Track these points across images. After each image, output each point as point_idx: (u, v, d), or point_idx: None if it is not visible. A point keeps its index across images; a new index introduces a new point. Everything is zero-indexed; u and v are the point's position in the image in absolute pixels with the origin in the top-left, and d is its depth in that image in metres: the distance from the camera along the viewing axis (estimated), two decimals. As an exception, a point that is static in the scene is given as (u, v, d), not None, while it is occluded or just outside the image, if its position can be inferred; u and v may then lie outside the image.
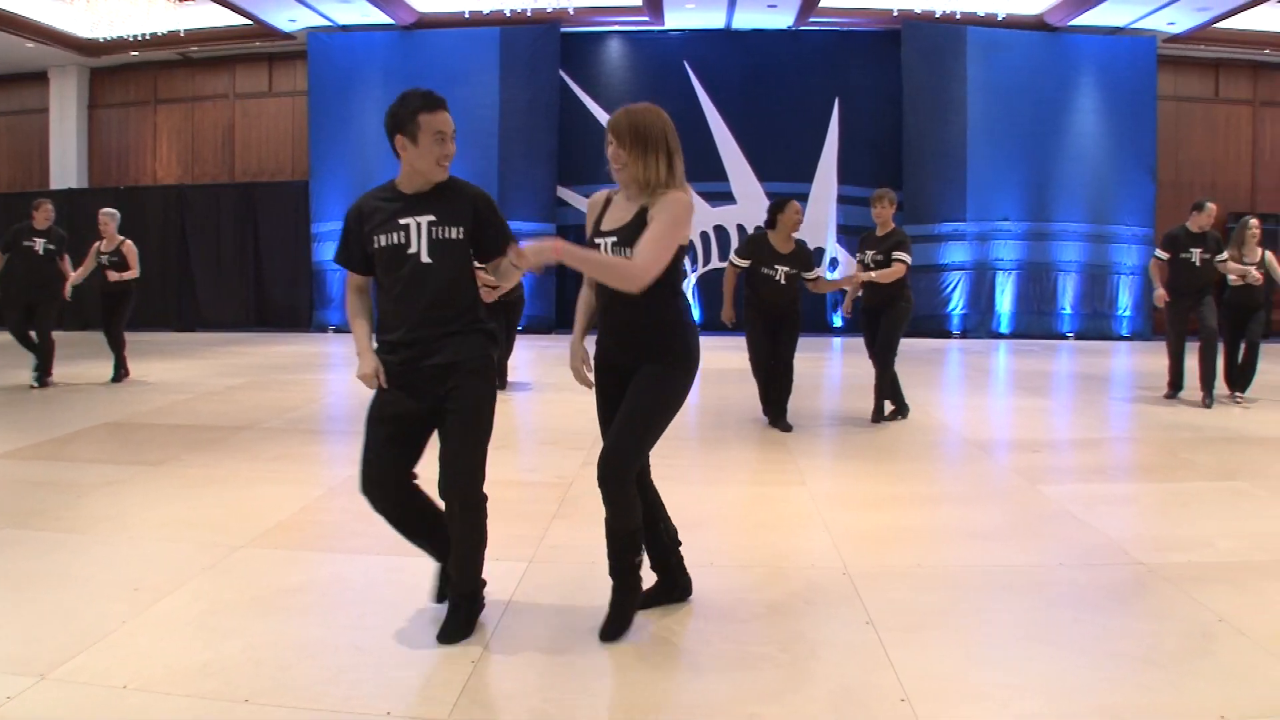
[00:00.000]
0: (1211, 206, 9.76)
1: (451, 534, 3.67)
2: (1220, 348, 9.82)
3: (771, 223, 8.16)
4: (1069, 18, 17.59)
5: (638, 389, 3.66)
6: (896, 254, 8.25)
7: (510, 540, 3.92)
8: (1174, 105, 19.45)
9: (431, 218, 3.62)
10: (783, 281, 8.09)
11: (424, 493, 3.77)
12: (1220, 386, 9.80)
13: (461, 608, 3.69)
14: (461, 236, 3.64)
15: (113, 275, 10.56)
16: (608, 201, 3.84)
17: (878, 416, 8.61)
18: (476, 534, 3.68)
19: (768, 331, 8.22)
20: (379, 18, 17.57)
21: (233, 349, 15.11)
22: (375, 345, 3.70)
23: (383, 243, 3.62)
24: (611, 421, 3.74)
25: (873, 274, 8.26)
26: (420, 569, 3.87)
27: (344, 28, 18.15)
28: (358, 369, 3.69)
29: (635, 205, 3.67)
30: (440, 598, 3.83)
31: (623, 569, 3.75)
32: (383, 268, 3.65)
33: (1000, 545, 5.05)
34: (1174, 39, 18.52)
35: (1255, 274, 9.53)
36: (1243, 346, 9.95)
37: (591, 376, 3.92)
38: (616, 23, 18.27)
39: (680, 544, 4.07)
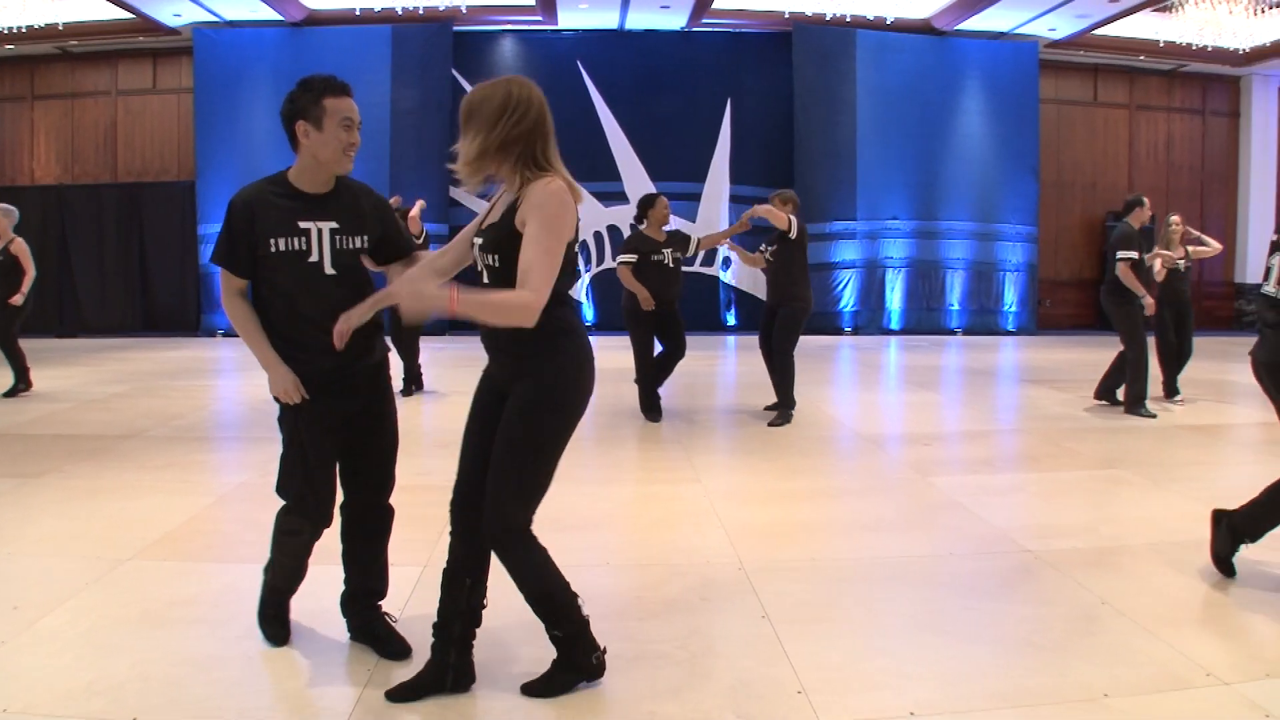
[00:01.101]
0: (1147, 199, 9.29)
1: (376, 537, 3.69)
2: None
3: (641, 218, 8.51)
4: (955, 22, 18.02)
5: (507, 423, 3.13)
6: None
7: (405, 545, 3.87)
8: (1055, 108, 20.12)
9: (334, 225, 3.37)
10: (670, 264, 8.36)
11: None
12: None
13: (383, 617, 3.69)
14: (365, 245, 3.46)
15: (15, 299, 9.96)
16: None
17: (781, 421, 8.44)
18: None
19: (654, 330, 8.41)
20: (267, 14, 17.21)
21: (117, 355, 14.69)
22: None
23: (280, 247, 3.31)
24: (473, 445, 3.28)
25: (760, 209, 8.32)
26: (312, 577, 3.81)
27: (231, 23, 17.74)
28: (273, 384, 3.39)
29: (506, 200, 3.14)
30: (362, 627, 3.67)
31: (551, 638, 3.29)
32: (278, 273, 3.36)
33: (892, 537, 5.17)
34: (1055, 44, 19.11)
35: (1182, 260, 9.49)
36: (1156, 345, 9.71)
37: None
38: (509, 22, 18.17)
39: (478, 625, 3.33)
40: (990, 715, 3.12)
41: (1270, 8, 17.20)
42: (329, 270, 3.36)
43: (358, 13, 17.32)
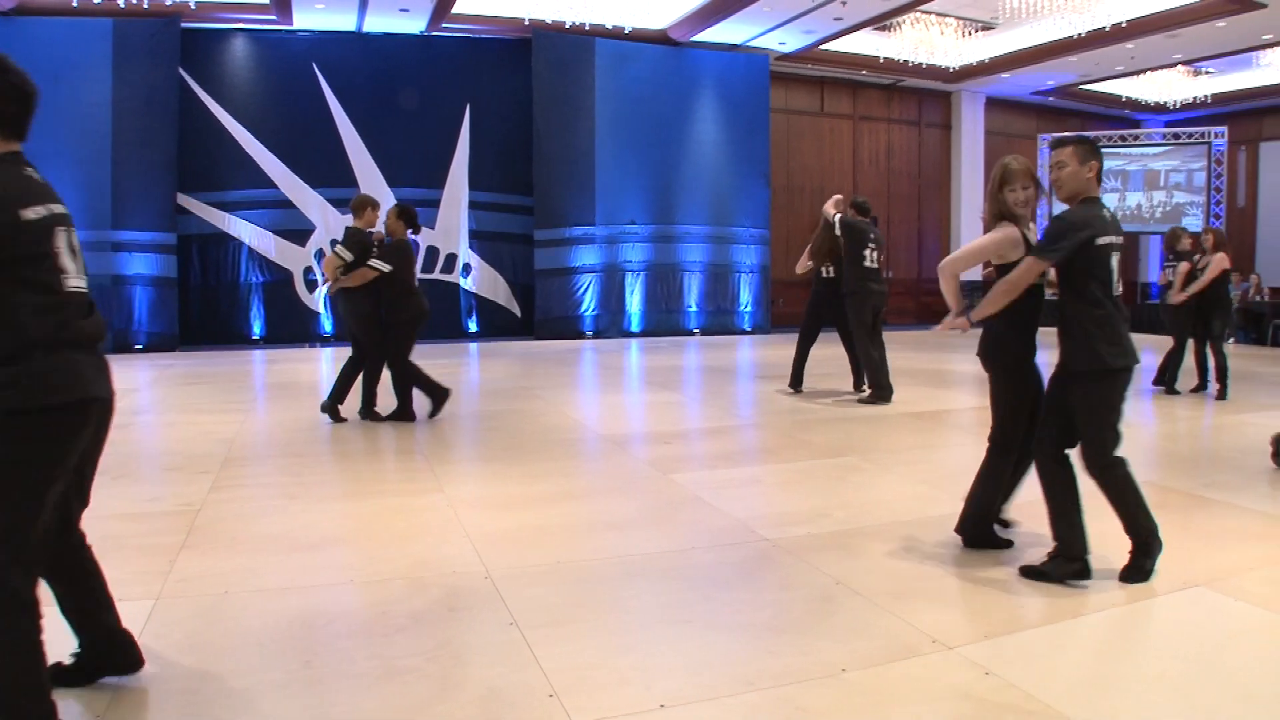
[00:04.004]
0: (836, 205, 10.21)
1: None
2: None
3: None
4: (691, 34, 18.59)
5: None
6: (373, 261, 8.46)
7: (134, 577, 3.67)
8: (785, 117, 21.24)
9: None
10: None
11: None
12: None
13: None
14: None
15: None
16: None
17: (385, 415, 8.69)
18: None
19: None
20: (-30, 2, 15.96)
21: None
22: None
23: None
24: None
25: (345, 280, 8.42)
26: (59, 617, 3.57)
27: (-73, 11, 16.36)
28: None
29: None
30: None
31: None
32: None
33: (636, 534, 5.30)
34: (785, 58, 20.12)
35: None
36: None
37: None
38: (242, 20, 17.44)
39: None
40: (737, 699, 3.27)
41: (976, 31, 18.74)
42: None
43: (75, 4, 16.26)
